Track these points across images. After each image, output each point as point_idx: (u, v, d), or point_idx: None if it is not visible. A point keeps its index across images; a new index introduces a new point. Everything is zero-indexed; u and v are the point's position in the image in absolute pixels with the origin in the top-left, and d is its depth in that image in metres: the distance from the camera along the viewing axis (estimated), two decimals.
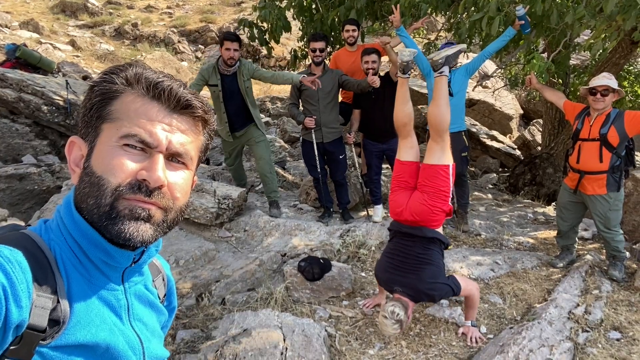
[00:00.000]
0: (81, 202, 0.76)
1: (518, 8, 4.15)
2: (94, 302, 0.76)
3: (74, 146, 0.79)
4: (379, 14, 5.55)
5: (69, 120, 6.79)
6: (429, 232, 3.03)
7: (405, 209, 3.06)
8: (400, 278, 2.99)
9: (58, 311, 0.70)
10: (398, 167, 3.21)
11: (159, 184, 0.74)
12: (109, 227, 0.73)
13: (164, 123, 0.76)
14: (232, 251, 4.23)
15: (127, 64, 0.79)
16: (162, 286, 0.98)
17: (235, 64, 4.45)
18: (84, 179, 0.75)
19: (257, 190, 5.64)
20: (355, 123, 4.79)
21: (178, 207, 0.80)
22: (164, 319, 0.97)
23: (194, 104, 0.79)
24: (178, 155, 0.78)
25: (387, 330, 2.84)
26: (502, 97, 10.69)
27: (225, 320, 3.28)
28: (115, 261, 0.78)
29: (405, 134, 3.21)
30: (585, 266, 3.95)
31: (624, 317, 3.22)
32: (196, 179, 0.90)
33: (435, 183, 2.96)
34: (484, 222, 5.26)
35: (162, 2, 18.23)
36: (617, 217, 3.75)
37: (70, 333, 0.71)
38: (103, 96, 0.76)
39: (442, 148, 3.01)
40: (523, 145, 10.21)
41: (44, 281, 0.70)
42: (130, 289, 0.85)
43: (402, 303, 2.88)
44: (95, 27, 14.90)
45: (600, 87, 3.60)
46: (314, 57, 4.52)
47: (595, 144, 3.67)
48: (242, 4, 17.48)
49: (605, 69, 5.94)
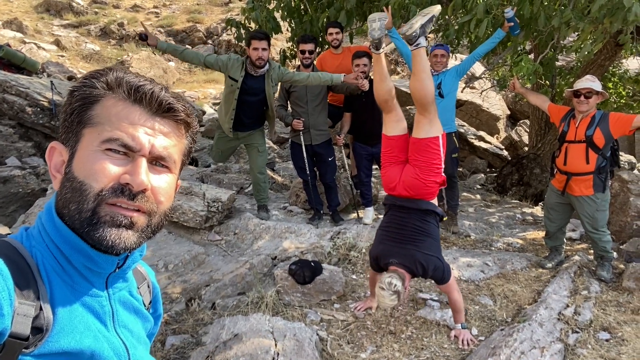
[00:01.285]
0: (63, 208, 0.75)
1: (507, 10, 4.18)
2: (77, 309, 0.75)
3: (54, 152, 0.78)
4: (368, 15, 5.54)
5: (54, 122, 6.69)
6: (424, 205, 3.01)
7: (398, 184, 3.02)
8: (397, 249, 2.96)
9: (41, 319, 0.68)
10: (386, 142, 3.14)
11: (142, 188, 0.73)
12: (90, 233, 0.72)
13: (146, 127, 0.75)
14: (222, 255, 4.20)
15: (108, 68, 0.79)
16: (148, 293, 0.98)
17: (265, 65, 4.17)
18: (65, 184, 0.74)
19: (246, 193, 5.60)
20: (346, 125, 4.78)
21: (162, 211, 0.79)
22: (149, 326, 0.96)
23: (176, 107, 0.78)
24: (161, 158, 0.78)
25: (385, 302, 2.79)
26: (489, 98, 10.78)
27: (215, 325, 3.25)
28: (99, 267, 0.77)
29: (388, 108, 3.11)
30: (574, 267, 3.98)
31: (613, 317, 3.25)
32: (180, 183, 0.89)
33: (426, 157, 2.91)
34: (473, 223, 5.29)
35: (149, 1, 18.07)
36: (604, 217, 3.79)
37: (54, 340, 0.69)
38: (84, 101, 0.75)
39: (430, 121, 2.92)
40: (510, 146, 10.30)
41: (26, 288, 0.68)
42: (114, 295, 0.83)
43: (399, 274, 2.84)
44: (81, 27, 14.72)
45: (584, 90, 3.64)
46: (303, 59, 4.49)
47: (581, 145, 3.71)
48: (230, 3, 17.39)
49: (590, 70, 6.02)
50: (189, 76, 13.99)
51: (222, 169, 6.38)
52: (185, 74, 14.08)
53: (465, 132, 9.63)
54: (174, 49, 4.22)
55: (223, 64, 4.19)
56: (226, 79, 4.27)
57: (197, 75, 13.87)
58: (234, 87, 4.21)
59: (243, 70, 4.18)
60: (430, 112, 2.92)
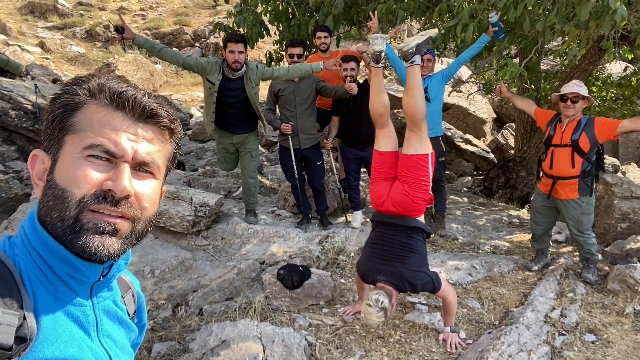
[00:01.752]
0: (45, 216, 0.74)
1: (491, 15, 4.22)
2: (61, 318, 0.74)
3: (36, 159, 0.77)
4: (355, 19, 5.56)
5: (37, 125, 6.59)
6: (411, 222, 3.03)
7: (386, 200, 3.05)
8: (384, 267, 2.97)
9: (24, 328, 0.68)
10: (377, 157, 3.18)
11: (125, 194, 0.73)
12: (73, 241, 0.72)
13: (128, 132, 0.75)
14: (209, 260, 4.16)
15: (90, 74, 0.78)
16: (132, 302, 0.97)
17: (241, 68, 4.14)
18: (47, 192, 0.74)
19: (234, 197, 5.57)
20: (334, 129, 4.78)
21: (146, 217, 0.79)
22: (133, 336, 0.95)
23: (159, 112, 0.78)
24: (145, 164, 0.77)
25: (371, 319, 2.80)
26: (476, 102, 10.88)
27: (203, 332, 3.22)
28: (83, 275, 0.77)
29: (382, 124, 3.16)
30: (560, 269, 4.02)
31: (598, 319, 3.29)
32: (165, 189, 0.89)
33: (415, 173, 2.94)
34: (460, 226, 5.32)
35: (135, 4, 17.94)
36: (589, 220, 3.84)
37: (38, 350, 0.69)
38: (65, 107, 0.75)
39: (419, 138, 2.97)
40: (496, 149, 10.40)
41: (9, 297, 0.68)
42: (98, 305, 0.83)
43: (386, 291, 2.85)
44: (66, 29, 14.55)
45: (571, 94, 3.69)
46: (291, 62, 4.49)
47: (567, 149, 3.75)
48: (217, 6, 17.33)
49: (575, 74, 6.10)
50: (176, 79, 13.90)
51: (209, 173, 6.34)
52: (172, 77, 13.99)
53: (452, 136, 9.70)
54: (152, 46, 4.13)
55: (202, 67, 4.17)
56: (204, 82, 4.26)
57: (184, 78, 13.79)
58: (211, 90, 4.20)
59: (220, 74, 4.16)
60: (421, 130, 2.98)
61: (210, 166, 6.90)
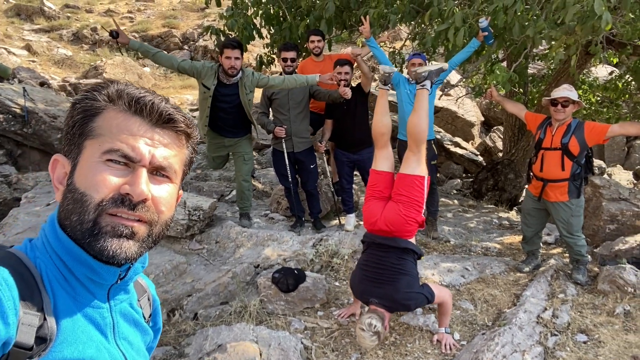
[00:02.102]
0: (65, 219, 0.75)
1: (481, 20, 4.28)
2: (79, 320, 0.76)
3: (57, 164, 0.79)
4: (347, 23, 5.60)
5: (26, 129, 6.52)
6: (402, 243, 3.07)
7: (379, 219, 3.10)
8: (376, 289, 3.02)
9: (45, 329, 0.69)
10: (373, 176, 3.26)
11: (142, 198, 0.74)
12: (92, 244, 0.73)
13: (146, 137, 0.76)
14: (203, 264, 4.15)
15: (109, 80, 0.80)
16: (148, 306, 0.98)
17: (237, 74, 4.16)
18: (67, 196, 0.75)
19: (227, 200, 5.56)
20: (327, 132, 4.81)
21: (163, 220, 0.80)
22: (149, 339, 0.96)
23: (176, 118, 0.80)
24: (162, 168, 0.79)
25: (365, 343, 2.88)
26: (464, 105, 10.99)
27: (198, 336, 3.21)
28: (101, 278, 0.78)
29: (382, 144, 3.28)
30: (551, 270, 4.08)
31: (589, 320, 3.35)
32: (181, 193, 0.90)
33: (410, 192, 3.01)
34: (452, 229, 5.37)
35: (123, 6, 17.81)
36: (579, 222, 3.91)
37: (57, 350, 0.70)
38: (85, 113, 0.76)
39: (418, 159, 3.09)
40: (485, 152, 10.51)
41: (30, 299, 0.69)
42: (115, 307, 0.84)
43: (379, 314, 2.91)
44: (52, 32, 14.39)
45: (561, 99, 3.75)
46: (285, 66, 4.50)
47: (557, 153, 3.82)
48: (206, 9, 17.27)
49: (561, 78, 6.19)
50: (164, 82, 13.82)
51: (202, 177, 6.32)
52: (160, 80, 13.91)
53: (442, 139, 9.79)
54: (147, 50, 4.13)
55: (197, 71, 4.17)
56: (199, 86, 4.26)
57: (173, 81, 13.71)
58: (206, 95, 4.21)
59: (215, 79, 4.17)
60: (420, 151, 3.11)
61: (202, 169, 6.88)
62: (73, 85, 11.22)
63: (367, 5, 4.86)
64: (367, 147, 4.76)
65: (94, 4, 17.62)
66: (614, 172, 10.06)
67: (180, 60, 4.22)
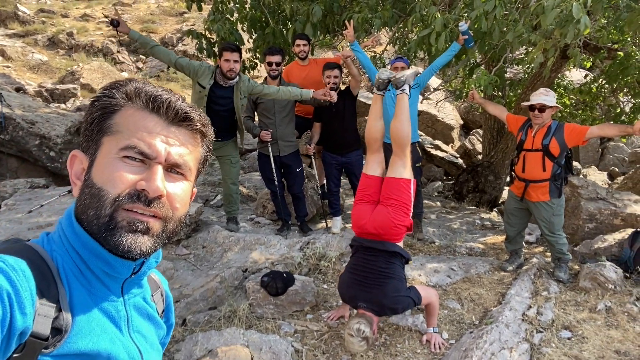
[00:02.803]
0: (82, 214, 0.77)
1: (461, 24, 4.37)
2: (94, 312, 0.77)
3: (75, 160, 0.81)
4: (330, 27, 5.64)
5: (3, 136, 6.37)
6: (390, 247, 3.11)
7: (368, 222, 3.13)
8: (364, 294, 3.04)
9: (60, 320, 0.71)
10: (364, 180, 3.29)
11: (158, 194, 0.76)
12: (108, 239, 0.74)
13: (162, 135, 0.78)
14: (191, 269, 4.12)
15: (128, 79, 0.82)
16: (161, 301, 1.00)
17: (235, 77, 4.20)
18: (84, 190, 0.77)
19: (212, 205, 5.53)
20: (316, 135, 4.84)
21: (177, 217, 0.81)
22: (162, 334, 0.98)
23: (192, 116, 0.81)
24: (177, 166, 0.80)
25: (354, 348, 2.92)
26: (444, 109, 11.16)
27: (188, 342, 3.18)
28: (116, 271, 0.79)
29: (375, 148, 3.31)
30: (533, 269, 4.17)
31: (573, 316, 3.44)
32: (195, 190, 0.92)
33: (398, 196, 3.05)
34: (436, 230, 5.44)
35: (99, 10, 17.54)
36: (560, 221, 4.01)
37: (72, 342, 0.71)
38: (103, 110, 0.78)
39: (403, 163, 3.14)
40: (464, 154, 10.69)
41: (47, 290, 0.71)
42: (129, 301, 0.86)
43: (367, 319, 2.94)
44: (27, 37, 14.09)
45: (538, 104, 3.86)
46: (270, 70, 4.51)
47: (538, 154, 3.91)
48: (185, 14, 17.15)
49: (537, 82, 6.35)
50: None
51: None
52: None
53: (423, 142, 9.91)
54: (145, 42, 4.15)
55: (194, 70, 4.18)
56: (194, 85, 4.25)
57: None
58: (202, 94, 4.20)
59: (212, 79, 4.18)
60: (405, 155, 3.17)
61: None
62: (49, 91, 11.00)
63: (351, 10, 4.92)
64: (356, 149, 4.81)
65: (69, 8, 17.33)
66: (589, 173, 10.35)
67: (178, 57, 4.23)
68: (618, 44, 5.98)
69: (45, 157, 6.55)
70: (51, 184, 6.05)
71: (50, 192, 5.29)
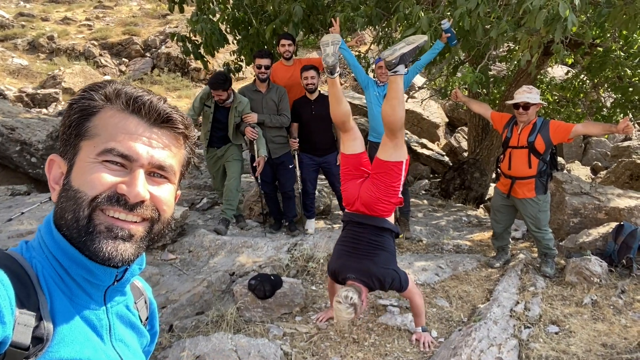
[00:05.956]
0: (60, 219, 0.74)
1: (443, 22, 4.38)
2: (76, 321, 0.75)
3: (53, 164, 0.78)
4: (314, 27, 5.62)
5: None
6: (380, 222, 3.10)
7: (357, 200, 3.12)
8: (353, 264, 3.03)
9: (41, 328, 0.68)
10: (343, 160, 3.25)
11: (139, 200, 0.73)
12: (87, 244, 0.72)
13: (144, 136, 0.75)
14: (177, 274, 4.06)
15: (107, 81, 0.78)
16: (145, 309, 0.97)
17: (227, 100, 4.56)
18: (62, 195, 0.75)
19: (198, 209, 5.48)
20: (295, 133, 4.86)
21: (164, 219, 0.80)
22: (145, 342, 0.95)
23: (174, 117, 0.79)
24: (160, 169, 0.78)
25: (341, 316, 2.83)
26: (429, 107, 11.21)
27: (175, 349, 3.13)
28: (98, 279, 0.77)
29: (347, 128, 3.20)
30: (520, 265, 4.20)
31: (559, 311, 3.46)
32: (179, 193, 0.89)
33: (386, 179, 3.00)
34: (423, 228, 5.46)
35: (81, 13, 17.32)
36: (546, 217, 4.04)
37: (54, 351, 0.69)
38: (82, 113, 0.75)
39: (395, 145, 3.00)
40: (450, 152, 10.75)
41: (27, 299, 0.68)
42: (112, 309, 0.83)
43: (356, 288, 2.92)
44: (6, 41, 13.86)
45: (522, 103, 3.88)
46: (259, 73, 4.54)
47: (523, 151, 3.94)
48: (167, 16, 17.00)
49: (521, 79, 6.41)
50: None
51: None
52: None
53: (409, 140, 9.94)
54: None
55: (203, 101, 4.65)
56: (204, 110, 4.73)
57: None
58: (207, 113, 4.68)
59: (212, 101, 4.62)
60: (397, 137, 2.99)
61: None
62: (30, 96, 10.83)
63: (333, 9, 4.90)
64: (333, 151, 4.82)
65: (49, 12, 17.08)
66: (572, 168, 10.47)
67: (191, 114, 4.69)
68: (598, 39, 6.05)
69: (27, 164, 6.43)
70: (33, 191, 5.94)
71: (32, 199, 5.19)
